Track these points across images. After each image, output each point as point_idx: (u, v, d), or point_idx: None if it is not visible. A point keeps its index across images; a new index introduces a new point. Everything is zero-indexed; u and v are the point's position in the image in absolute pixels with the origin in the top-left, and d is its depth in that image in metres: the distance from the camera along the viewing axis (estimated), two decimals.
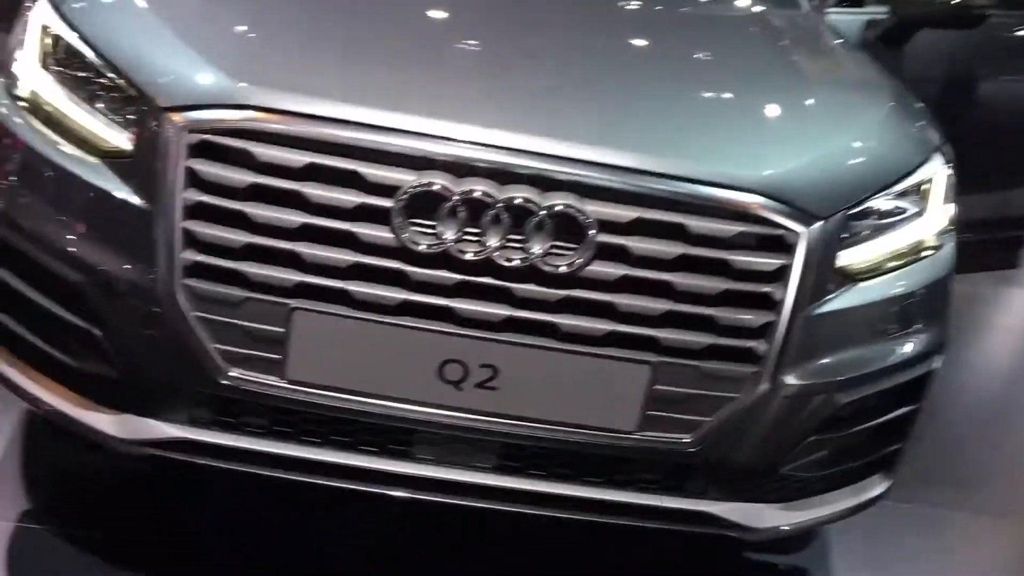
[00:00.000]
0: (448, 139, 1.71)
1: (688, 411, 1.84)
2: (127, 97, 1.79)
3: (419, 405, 1.80)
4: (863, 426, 2.00)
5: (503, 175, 1.71)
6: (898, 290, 1.99)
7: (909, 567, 2.56)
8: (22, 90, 1.92)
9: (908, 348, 2.01)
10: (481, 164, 1.71)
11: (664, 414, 1.84)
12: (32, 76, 1.91)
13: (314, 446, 1.87)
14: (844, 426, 1.98)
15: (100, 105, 1.84)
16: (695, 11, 2.64)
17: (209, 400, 1.84)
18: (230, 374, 1.78)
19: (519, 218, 1.71)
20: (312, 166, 1.70)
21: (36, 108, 1.89)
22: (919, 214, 2.05)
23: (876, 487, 2.14)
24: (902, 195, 2.01)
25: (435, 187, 1.69)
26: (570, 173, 1.72)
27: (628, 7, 2.59)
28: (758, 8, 2.75)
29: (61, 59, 1.90)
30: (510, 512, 1.90)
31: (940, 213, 2.09)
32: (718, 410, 1.85)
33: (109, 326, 1.80)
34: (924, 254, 2.05)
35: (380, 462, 1.87)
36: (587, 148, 1.75)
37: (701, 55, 2.30)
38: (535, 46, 2.14)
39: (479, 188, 1.70)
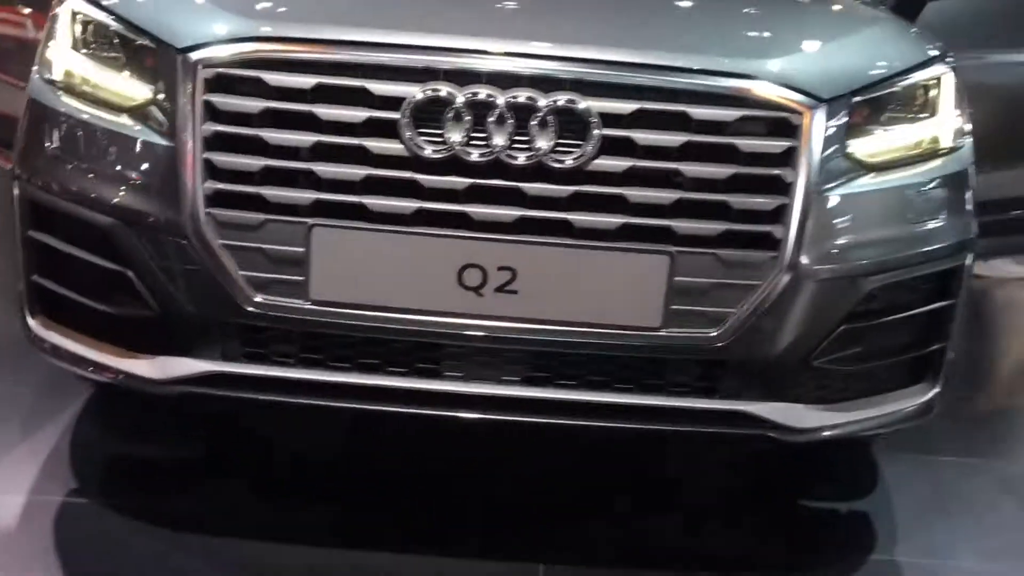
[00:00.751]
0: (447, 49, 1.79)
1: (712, 303, 1.84)
2: (148, 50, 1.91)
3: (442, 315, 1.83)
4: (895, 317, 1.97)
5: (504, 78, 1.78)
6: (915, 179, 1.99)
7: (976, 519, 2.47)
8: (56, 73, 2.04)
9: (932, 237, 1.99)
10: (481, 70, 1.78)
11: (688, 307, 1.84)
12: (65, 58, 2.04)
13: (343, 371, 1.89)
14: (874, 315, 1.95)
15: (125, 72, 1.96)
16: None
17: (239, 331, 1.88)
18: (256, 300, 1.83)
19: (523, 118, 1.77)
20: (320, 86, 1.78)
21: (68, 86, 2.02)
22: (930, 114, 2.06)
23: (923, 394, 2.08)
24: (910, 94, 2.04)
25: (439, 94, 1.76)
26: (569, 71, 1.79)
27: None
28: None
29: (89, 39, 2.03)
30: (542, 423, 1.90)
31: (951, 115, 2.09)
32: (742, 300, 1.84)
33: (142, 265, 1.87)
34: (941, 153, 2.06)
35: (409, 381, 1.89)
36: (584, 48, 1.82)
37: None
38: None
39: (482, 91, 1.76)
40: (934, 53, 2.13)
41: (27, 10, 3.64)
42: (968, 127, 2.14)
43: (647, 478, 2.53)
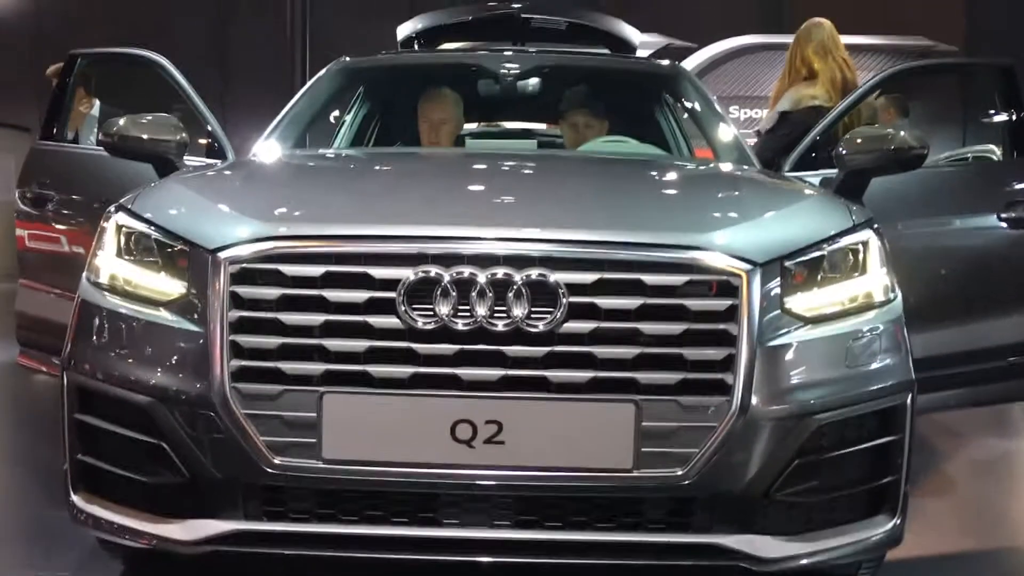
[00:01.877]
0: (434, 237, 2.12)
1: (677, 444, 2.08)
2: (182, 252, 2.25)
3: (438, 467, 2.07)
4: (844, 451, 2.19)
5: (483, 259, 2.09)
6: (851, 329, 2.25)
7: None
8: (103, 277, 2.38)
9: (872, 379, 2.23)
10: (464, 253, 2.10)
11: (656, 449, 2.07)
12: (111, 264, 2.38)
13: (352, 523, 2.12)
14: (825, 450, 2.17)
15: (162, 272, 2.29)
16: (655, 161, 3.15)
17: (259, 491, 2.12)
18: (275, 462, 2.08)
19: (500, 292, 2.07)
20: (328, 274, 2.11)
21: (113, 287, 2.35)
22: (860, 272, 2.35)
23: (885, 524, 2.26)
24: (839, 256, 2.33)
25: (429, 275, 2.07)
26: (539, 249, 2.10)
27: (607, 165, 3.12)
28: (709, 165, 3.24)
29: (132, 247, 2.38)
30: (533, 563, 2.09)
31: (879, 273, 2.37)
32: (703, 441, 2.08)
33: (175, 437, 2.14)
34: (874, 306, 2.33)
35: (411, 529, 2.11)
36: (550, 230, 2.15)
37: (650, 173, 2.76)
38: (503, 179, 2.66)
39: (465, 271, 2.08)
40: (860, 220, 2.44)
41: (60, 227, 4.07)
42: (893, 283, 2.39)
43: None
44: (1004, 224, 3.64)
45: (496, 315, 2.07)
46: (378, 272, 2.10)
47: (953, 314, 3.63)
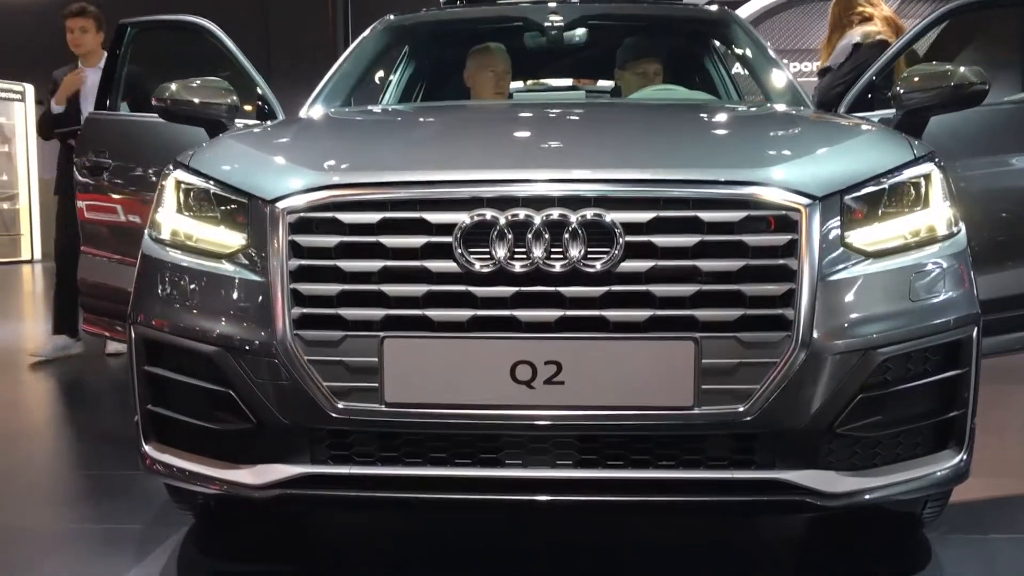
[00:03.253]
0: (489, 181, 2.12)
1: (738, 381, 2.07)
2: (241, 205, 2.28)
3: (499, 408, 2.08)
4: (908, 386, 2.17)
5: (538, 201, 2.09)
6: (914, 263, 2.22)
7: None
8: (164, 233, 2.43)
9: (935, 312, 2.20)
10: (519, 195, 2.10)
11: (717, 387, 2.07)
12: (171, 220, 2.43)
13: (416, 465, 2.15)
14: (889, 385, 2.15)
15: (221, 225, 2.33)
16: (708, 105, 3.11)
17: (325, 436, 2.16)
18: (339, 407, 2.11)
19: (556, 233, 2.07)
20: (385, 220, 2.12)
21: (175, 242, 2.40)
22: (922, 206, 2.31)
23: (951, 459, 2.24)
24: (900, 190, 2.30)
25: (484, 218, 2.08)
26: (594, 190, 2.10)
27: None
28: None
29: (191, 203, 2.42)
30: (594, 502, 2.11)
31: (944, 207, 2.34)
32: (764, 377, 2.07)
33: (241, 385, 2.18)
34: (937, 239, 2.29)
35: (474, 470, 2.13)
36: (604, 170, 2.14)
37: (703, 115, 2.72)
38: (555, 125, 2.65)
39: (520, 213, 2.08)
40: (922, 153, 2.40)
41: (117, 196, 4.15)
42: (958, 215, 2.37)
43: (706, 554, 2.71)
44: None
45: (552, 256, 2.07)
46: (434, 217, 2.11)
47: (1014, 255, 3.56)
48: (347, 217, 2.14)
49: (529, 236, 2.07)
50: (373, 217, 2.13)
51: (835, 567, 2.66)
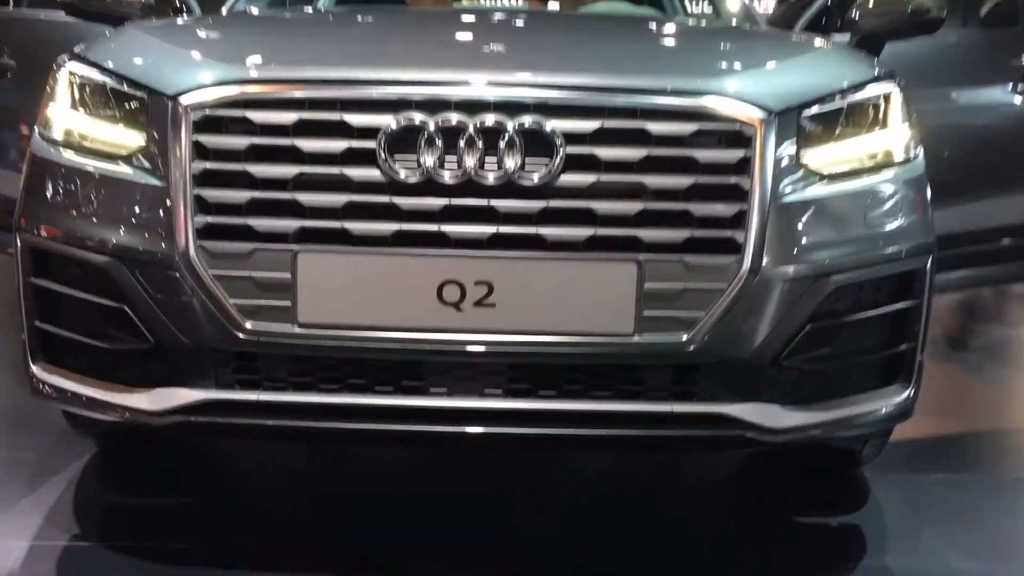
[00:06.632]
0: (419, 82, 1.92)
1: (682, 307, 1.92)
2: (140, 101, 2.04)
3: (424, 332, 1.91)
4: (859, 316, 2.05)
5: (472, 105, 1.90)
6: (870, 186, 2.09)
7: (962, 525, 2.50)
8: (55, 131, 2.17)
9: (890, 239, 2.07)
10: (451, 98, 1.90)
11: (660, 313, 1.92)
12: (64, 116, 2.17)
13: (332, 392, 1.97)
14: (839, 315, 2.02)
15: (119, 123, 2.09)
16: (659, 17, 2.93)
17: (231, 358, 1.96)
18: (247, 327, 1.91)
19: (491, 141, 1.88)
20: (301, 121, 1.90)
21: (67, 142, 2.15)
22: (881, 127, 2.17)
23: (898, 395, 2.13)
24: (859, 109, 2.15)
25: (413, 122, 1.88)
26: (534, 96, 1.90)
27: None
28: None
29: (85, 98, 2.17)
30: (525, 435, 1.96)
31: (901, 128, 2.20)
32: (710, 304, 1.92)
33: (138, 300, 1.96)
34: (895, 163, 2.16)
35: (396, 399, 1.96)
36: (546, 74, 1.94)
37: (653, 26, 2.54)
38: (495, 29, 2.46)
39: (452, 117, 1.88)
40: (885, 71, 2.26)
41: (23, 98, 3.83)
42: (917, 137, 2.24)
43: (644, 492, 2.61)
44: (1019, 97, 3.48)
45: (486, 167, 1.88)
46: (356, 119, 1.90)
47: (964, 191, 3.48)
48: (259, 116, 1.92)
49: (461, 143, 1.87)
50: (288, 117, 1.91)
51: (766, 506, 2.57)
